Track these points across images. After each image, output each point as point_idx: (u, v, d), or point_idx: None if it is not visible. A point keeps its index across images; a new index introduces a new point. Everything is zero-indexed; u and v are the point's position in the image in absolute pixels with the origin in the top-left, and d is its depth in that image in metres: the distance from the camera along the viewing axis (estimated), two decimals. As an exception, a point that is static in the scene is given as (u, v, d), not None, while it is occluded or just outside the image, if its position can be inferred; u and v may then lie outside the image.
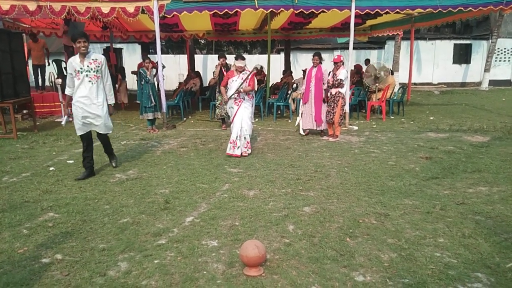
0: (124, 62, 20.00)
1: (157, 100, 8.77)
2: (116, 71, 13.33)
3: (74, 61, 4.91)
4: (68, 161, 6.01)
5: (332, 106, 7.58)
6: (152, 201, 4.29)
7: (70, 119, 4.59)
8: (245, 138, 6.28)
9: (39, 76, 12.20)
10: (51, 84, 13.11)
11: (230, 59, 8.07)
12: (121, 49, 16.29)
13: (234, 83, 6.31)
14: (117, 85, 12.70)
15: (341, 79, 7.49)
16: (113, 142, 7.39)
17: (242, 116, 6.28)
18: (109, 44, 14.89)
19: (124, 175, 5.28)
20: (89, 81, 4.94)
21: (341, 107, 7.73)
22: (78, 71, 4.89)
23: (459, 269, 2.84)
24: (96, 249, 3.15)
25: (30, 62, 11.83)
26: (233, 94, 6.29)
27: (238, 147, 6.20)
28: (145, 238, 3.37)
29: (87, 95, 4.96)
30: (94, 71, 4.95)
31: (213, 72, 9.66)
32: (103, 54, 14.98)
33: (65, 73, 12.11)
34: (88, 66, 4.91)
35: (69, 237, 3.39)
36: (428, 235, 3.41)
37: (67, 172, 5.36)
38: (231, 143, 6.25)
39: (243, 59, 6.39)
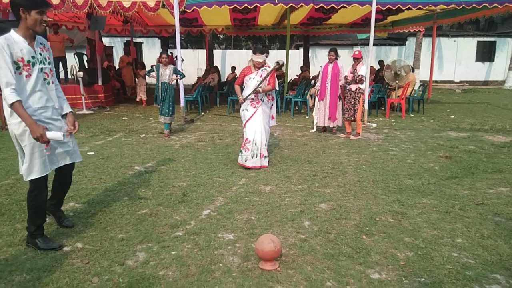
0: (144, 56, 20.24)
1: (169, 103, 7.35)
2: (136, 65, 13.49)
3: (17, 45, 2.76)
4: (88, 153, 6.13)
5: (353, 102, 7.49)
6: (170, 193, 4.35)
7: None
8: (261, 147, 5.39)
9: (60, 69, 12.43)
10: (72, 77, 13.39)
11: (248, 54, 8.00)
12: (141, 43, 16.50)
13: (252, 81, 5.36)
14: (136, 80, 12.86)
15: (362, 75, 7.41)
16: (133, 135, 7.56)
17: (260, 122, 5.38)
18: (129, 38, 15.09)
19: (143, 168, 5.36)
20: (45, 79, 2.96)
21: (362, 103, 7.66)
22: (28, 61, 2.82)
23: (477, 270, 2.81)
24: (115, 239, 3.23)
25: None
26: (250, 95, 5.35)
27: (257, 156, 5.34)
28: (162, 230, 3.42)
29: (45, 105, 2.96)
30: (48, 63, 3.00)
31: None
32: (124, 48, 15.29)
33: (86, 66, 12.36)
34: (40, 54, 2.92)
35: (89, 226, 3.48)
36: (446, 235, 3.37)
37: (87, 164, 5.47)
38: (246, 152, 5.34)
39: (262, 52, 5.36)
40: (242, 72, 5.54)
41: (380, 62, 13.27)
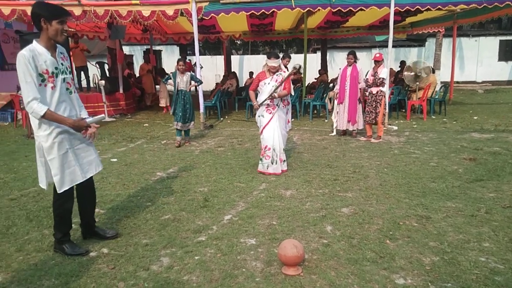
0: (163, 63, 20.53)
1: (187, 111, 7.17)
2: (156, 73, 13.70)
3: (41, 56, 2.78)
4: (111, 160, 6.25)
5: (374, 105, 7.41)
6: (192, 198, 4.40)
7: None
8: (279, 153, 5.32)
9: (82, 78, 12.73)
10: (94, 85, 13.68)
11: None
12: (160, 51, 16.75)
13: (267, 86, 5.24)
14: (157, 87, 13.06)
15: (383, 78, 7.33)
16: (154, 142, 7.67)
17: (277, 128, 5.31)
18: (149, 46, 15.34)
19: (165, 174, 5.43)
20: (67, 89, 2.98)
21: (384, 106, 7.58)
22: (52, 73, 2.84)
23: (506, 275, 2.74)
24: (139, 244, 3.28)
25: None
26: (265, 100, 5.24)
27: (277, 162, 5.28)
28: (185, 235, 3.46)
29: (70, 115, 2.96)
30: (69, 72, 3.04)
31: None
32: (143, 56, 15.56)
33: (107, 75, 12.63)
34: (62, 64, 2.94)
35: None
36: (472, 239, 3.30)
37: (111, 170, 5.57)
38: (267, 159, 5.28)
39: (277, 57, 5.27)
40: (256, 77, 5.43)
41: (402, 63, 13.10)
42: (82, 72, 12.55)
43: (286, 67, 8.69)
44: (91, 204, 3.34)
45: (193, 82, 7.34)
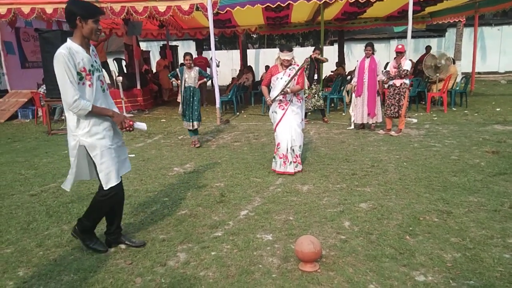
0: (179, 59, 20.61)
1: (194, 108, 6.65)
2: (173, 68, 13.76)
3: (78, 54, 2.75)
4: (129, 155, 6.26)
5: (397, 98, 7.23)
6: (208, 194, 4.40)
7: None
8: (293, 150, 5.08)
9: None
10: (112, 82, 13.82)
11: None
12: (176, 46, 16.78)
13: (279, 81, 5.02)
14: (174, 82, 13.10)
15: (407, 70, 7.16)
16: (171, 137, 7.70)
17: (290, 124, 5.07)
18: (165, 42, 15.40)
19: (182, 169, 5.45)
20: (101, 86, 2.96)
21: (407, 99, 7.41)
22: (89, 70, 2.82)
23: (532, 272, 2.64)
24: (156, 240, 3.29)
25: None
26: (277, 96, 5.02)
27: (291, 162, 5.04)
28: (202, 230, 3.46)
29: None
30: (101, 69, 3.04)
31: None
32: (160, 52, 15.63)
33: (125, 71, 12.73)
34: (95, 61, 2.92)
35: (132, 227, 3.57)
36: (496, 235, 3.20)
37: (128, 166, 5.61)
38: (280, 157, 5.06)
39: (290, 50, 4.98)
40: (269, 71, 5.21)
41: (427, 48, 12.78)
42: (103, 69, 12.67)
43: (314, 60, 8.60)
44: (120, 210, 3.21)
45: (196, 71, 6.77)
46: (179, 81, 6.60)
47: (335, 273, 2.72)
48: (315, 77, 8.62)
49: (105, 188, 2.90)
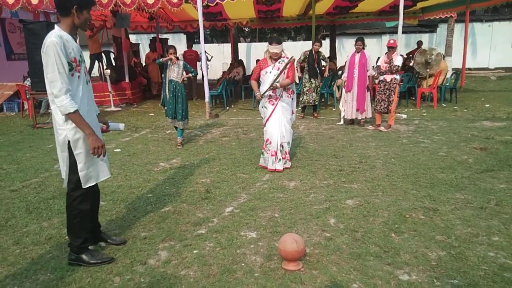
0: (170, 51, 20.31)
1: (178, 105, 6.20)
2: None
3: (69, 43, 2.59)
4: (115, 150, 6.21)
5: (388, 94, 7.19)
6: (194, 190, 4.33)
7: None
8: (282, 147, 4.98)
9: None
10: (100, 75, 13.63)
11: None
12: (166, 39, 16.59)
13: (269, 75, 4.88)
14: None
15: (398, 65, 7.12)
16: (159, 132, 7.60)
17: (280, 120, 4.95)
18: (155, 35, 15.20)
19: (168, 164, 5.37)
20: (85, 78, 2.76)
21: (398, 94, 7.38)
22: (79, 61, 2.68)
23: (516, 271, 2.62)
24: (138, 237, 3.22)
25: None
26: (267, 91, 4.87)
27: (280, 159, 4.93)
28: (185, 228, 3.39)
29: (90, 107, 2.80)
30: (84, 61, 2.79)
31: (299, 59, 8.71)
32: (149, 45, 15.44)
33: (113, 64, 12.54)
34: (81, 51, 2.75)
35: (113, 224, 3.49)
36: (481, 233, 3.18)
37: (113, 161, 5.52)
38: (272, 155, 4.93)
39: (279, 43, 4.79)
40: (257, 65, 5.06)
41: (418, 43, 12.78)
42: (96, 61, 12.43)
43: (316, 53, 8.52)
44: (97, 206, 3.10)
45: (184, 73, 6.33)
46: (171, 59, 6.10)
47: (319, 272, 2.68)
48: (317, 70, 8.56)
49: (83, 187, 2.73)
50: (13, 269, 2.77)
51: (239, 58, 17.50)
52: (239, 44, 20.68)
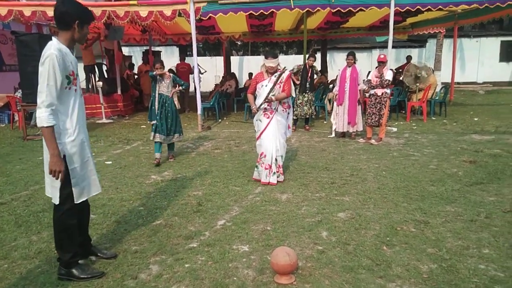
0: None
1: (169, 120, 6.04)
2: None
3: (67, 57, 2.60)
4: (106, 162, 6.17)
5: (379, 107, 7.27)
6: (185, 203, 4.31)
7: None
8: (276, 160, 4.96)
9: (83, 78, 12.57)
10: (92, 87, 13.59)
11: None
12: (159, 52, 16.66)
13: (264, 88, 4.88)
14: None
15: (389, 80, 7.22)
16: (150, 144, 7.56)
17: (275, 134, 4.94)
18: (148, 47, 15.25)
19: (159, 177, 5.34)
20: (80, 94, 2.77)
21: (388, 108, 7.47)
22: (76, 74, 2.70)
23: (507, 284, 2.64)
24: (129, 251, 3.19)
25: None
26: (262, 104, 4.88)
27: (274, 173, 4.93)
28: (177, 241, 3.37)
29: (83, 122, 2.79)
30: (78, 75, 2.77)
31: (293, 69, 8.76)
32: (142, 57, 15.47)
33: (106, 76, 12.53)
34: (77, 65, 2.76)
35: (104, 238, 3.45)
36: (472, 245, 3.20)
37: (105, 173, 5.49)
38: (266, 168, 4.92)
39: (275, 57, 4.80)
40: (254, 79, 5.09)
41: (408, 58, 12.98)
42: (90, 74, 12.37)
43: (310, 67, 8.61)
44: (87, 220, 3.06)
45: (175, 86, 6.19)
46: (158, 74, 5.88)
47: (311, 285, 2.67)
48: (307, 85, 8.65)
49: (76, 202, 2.70)
50: (0, 285, 2.72)
51: (232, 71, 17.61)
52: (231, 57, 20.83)
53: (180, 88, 6.29)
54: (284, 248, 2.80)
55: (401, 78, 11.41)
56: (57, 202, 2.67)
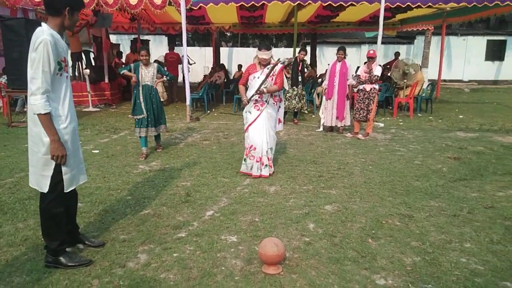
0: (151, 54, 20.20)
1: (155, 111, 5.85)
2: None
3: (59, 42, 2.56)
4: (93, 151, 6.12)
5: (367, 103, 7.34)
6: (174, 193, 4.31)
7: None
8: (266, 152, 4.96)
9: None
10: (79, 74, 13.38)
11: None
12: (148, 40, 16.47)
13: (256, 80, 4.84)
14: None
15: (378, 75, 7.29)
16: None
17: (265, 126, 4.92)
18: (136, 36, 15.06)
19: (147, 167, 5.33)
20: (69, 81, 2.77)
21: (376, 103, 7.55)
22: (67, 61, 2.70)
23: (486, 277, 2.73)
24: (117, 240, 3.19)
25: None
26: (253, 96, 4.85)
27: (266, 165, 4.94)
28: (165, 231, 3.38)
29: (73, 110, 2.78)
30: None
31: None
32: (130, 46, 15.26)
33: (93, 64, 12.35)
34: (68, 51, 2.83)
35: (91, 226, 3.45)
36: (454, 239, 3.29)
37: (92, 162, 5.45)
38: (257, 161, 4.91)
39: (269, 49, 4.77)
40: (246, 70, 5.04)
41: (396, 54, 13.12)
42: (77, 61, 12.15)
43: (300, 61, 8.62)
44: (75, 208, 3.05)
45: (160, 77, 5.95)
46: (134, 77, 5.62)
47: (298, 275, 2.72)
48: (299, 79, 8.68)
49: (66, 190, 2.70)
50: (-14, 271, 2.70)
51: (221, 62, 17.52)
52: (221, 48, 20.71)
53: (165, 78, 6.16)
54: (272, 239, 2.84)
55: (389, 74, 11.53)
56: (46, 191, 2.65)
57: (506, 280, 2.69)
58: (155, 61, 12.61)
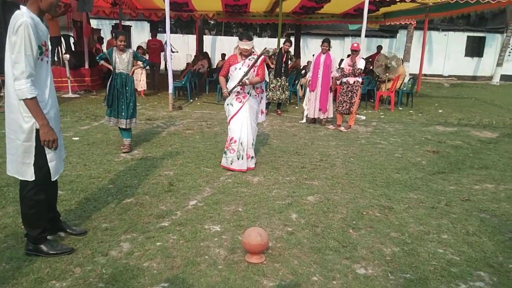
0: (132, 40, 19.88)
1: (130, 102, 5.41)
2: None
3: (39, 26, 2.48)
4: (73, 138, 6.01)
5: (350, 95, 7.41)
6: (156, 182, 4.29)
7: None
8: (248, 146, 4.86)
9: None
10: (58, 59, 13.05)
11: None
12: (129, 26, 16.16)
13: (238, 71, 4.69)
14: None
15: (361, 69, 7.35)
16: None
17: (245, 118, 4.80)
18: (117, 21, 14.77)
19: (129, 155, 5.27)
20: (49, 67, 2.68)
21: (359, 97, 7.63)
22: (48, 45, 2.62)
23: (461, 266, 2.83)
24: (99, 228, 3.16)
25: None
26: (234, 87, 4.71)
27: (252, 157, 4.90)
28: (148, 220, 3.37)
29: (54, 96, 2.71)
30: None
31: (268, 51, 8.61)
32: (111, 32, 14.93)
33: (73, 49, 12.05)
34: (48, 36, 2.69)
35: (72, 214, 3.40)
36: (432, 231, 3.39)
37: (72, 149, 5.35)
38: (231, 152, 4.83)
39: (250, 39, 4.63)
40: (227, 61, 4.85)
41: (378, 48, 13.25)
42: (56, 46, 11.81)
43: (285, 52, 8.61)
44: (55, 196, 3.00)
45: (135, 63, 5.60)
46: (110, 66, 5.38)
47: (280, 264, 2.76)
48: (283, 70, 8.68)
49: (53, 179, 2.68)
50: (-36, 259, 2.65)
51: (204, 50, 17.35)
52: (204, 36, 20.49)
53: (140, 65, 5.89)
54: (256, 228, 2.87)
55: (371, 67, 11.65)
56: (30, 179, 2.59)
57: (480, 270, 2.79)
58: (138, 47, 12.43)
